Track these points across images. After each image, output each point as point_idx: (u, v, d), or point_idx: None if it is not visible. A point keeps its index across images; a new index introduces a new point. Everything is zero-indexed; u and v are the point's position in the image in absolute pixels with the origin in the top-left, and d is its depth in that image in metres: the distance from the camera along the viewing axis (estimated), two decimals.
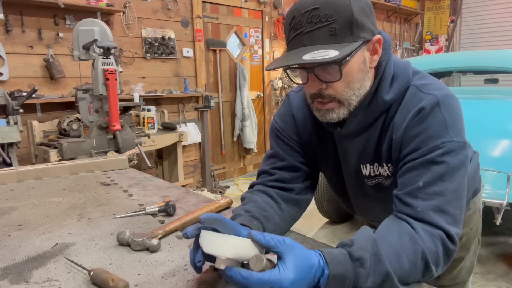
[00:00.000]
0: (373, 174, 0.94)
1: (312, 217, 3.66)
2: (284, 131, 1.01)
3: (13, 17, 3.20)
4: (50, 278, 0.76)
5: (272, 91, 5.54)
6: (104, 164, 1.66)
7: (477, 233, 1.20)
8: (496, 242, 3.10)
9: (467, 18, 7.66)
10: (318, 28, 0.75)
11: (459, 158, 0.79)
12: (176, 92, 4.23)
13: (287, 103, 1.05)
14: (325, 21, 0.75)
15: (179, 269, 0.79)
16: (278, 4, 5.35)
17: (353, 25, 0.76)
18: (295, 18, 0.78)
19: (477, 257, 1.24)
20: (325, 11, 0.75)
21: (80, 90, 2.72)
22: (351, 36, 0.76)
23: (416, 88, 0.85)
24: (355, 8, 0.76)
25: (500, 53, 3.57)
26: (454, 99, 0.83)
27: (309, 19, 0.76)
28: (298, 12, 0.77)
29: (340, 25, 0.75)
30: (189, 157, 4.59)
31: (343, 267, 0.66)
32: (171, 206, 1.10)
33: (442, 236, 0.75)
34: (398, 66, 0.87)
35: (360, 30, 0.77)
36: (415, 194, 0.78)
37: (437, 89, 0.83)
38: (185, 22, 4.37)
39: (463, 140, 0.80)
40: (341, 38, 0.76)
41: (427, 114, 0.80)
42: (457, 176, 0.78)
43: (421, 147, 0.80)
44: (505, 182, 2.26)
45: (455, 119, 0.81)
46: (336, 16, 0.75)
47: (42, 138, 3.19)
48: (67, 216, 1.10)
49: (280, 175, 0.99)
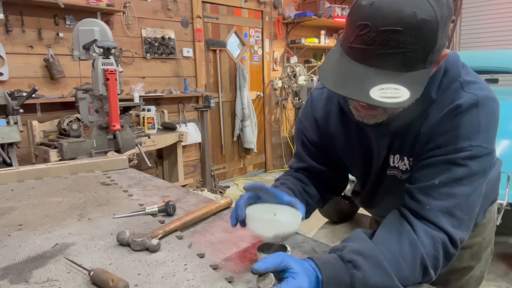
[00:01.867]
0: (391, 165, 0.90)
1: (312, 217, 3.64)
2: (307, 131, 1.02)
3: (13, 17, 3.20)
4: (50, 278, 0.76)
5: (272, 91, 5.54)
6: (104, 164, 1.66)
7: (490, 243, 1.16)
8: (496, 242, 3.08)
9: (467, 18, 7.66)
10: (392, 54, 0.65)
11: (482, 165, 0.75)
12: (176, 92, 4.23)
13: (309, 102, 1.03)
14: (403, 48, 0.64)
15: (179, 269, 0.79)
16: (278, 4, 5.35)
17: (433, 52, 0.67)
18: (368, 30, 0.65)
19: None
20: (407, 36, 0.63)
21: (80, 90, 2.72)
22: (423, 63, 0.67)
23: (459, 84, 0.79)
24: (440, 31, 0.65)
25: (500, 53, 3.58)
26: (495, 103, 0.78)
27: (385, 41, 0.64)
28: (374, 25, 0.64)
29: (419, 54, 0.66)
30: (189, 157, 4.59)
31: (335, 269, 0.66)
32: (171, 206, 1.10)
33: (444, 240, 0.73)
34: (448, 61, 0.80)
35: (436, 55, 0.69)
36: (427, 191, 0.76)
37: (480, 89, 0.78)
38: (185, 22, 4.37)
39: (492, 147, 0.76)
40: (413, 67, 0.67)
41: (463, 112, 0.75)
42: (474, 182, 0.75)
43: (447, 145, 0.76)
44: (505, 182, 2.26)
45: (491, 124, 0.76)
46: (418, 44, 0.64)
47: (42, 138, 3.19)
48: (67, 216, 1.10)
49: (301, 174, 1.04)
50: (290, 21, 5.40)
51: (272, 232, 0.76)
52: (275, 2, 5.32)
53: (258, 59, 5.34)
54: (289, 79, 5.35)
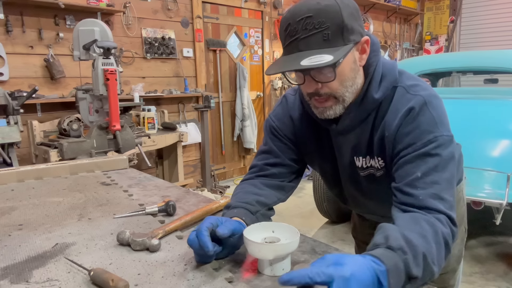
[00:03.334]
0: (365, 166, 1.00)
1: (312, 217, 3.66)
2: (280, 130, 1.08)
3: (13, 17, 3.20)
4: (50, 278, 0.76)
5: (272, 91, 5.54)
6: (104, 164, 1.66)
7: (463, 221, 1.27)
8: (496, 242, 3.10)
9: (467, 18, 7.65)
10: (312, 35, 0.82)
11: (450, 151, 0.86)
12: (176, 92, 4.24)
13: (285, 104, 1.11)
14: (318, 28, 0.81)
15: (179, 269, 0.79)
16: (278, 4, 5.35)
17: (343, 30, 0.82)
18: (290, 25, 0.84)
19: (476, 256, 1.25)
20: (318, 18, 0.81)
21: (80, 90, 2.72)
22: (342, 40, 0.83)
23: (404, 89, 0.92)
24: (345, 14, 0.82)
25: (500, 53, 3.57)
26: (438, 99, 0.91)
27: (303, 26, 0.82)
28: (293, 20, 0.83)
29: (332, 31, 0.81)
30: (189, 157, 4.59)
31: (392, 260, 0.66)
32: (171, 206, 1.10)
33: (447, 220, 0.80)
34: (386, 67, 0.95)
35: (350, 33, 0.84)
36: (414, 184, 0.83)
37: (423, 90, 0.91)
38: (185, 22, 4.37)
39: (450, 134, 0.88)
40: (334, 43, 0.82)
41: (417, 112, 0.87)
42: (449, 167, 0.85)
43: (415, 142, 0.86)
44: (504, 182, 2.26)
45: (442, 116, 0.88)
46: (328, 23, 0.81)
47: (43, 138, 3.19)
48: (67, 216, 1.10)
49: (270, 171, 1.07)
50: None
51: (273, 255, 0.76)
52: (275, 2, 5.32)
53: (258, 59, 5.34)
54: (287, 81, 5.34)
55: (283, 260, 0.78)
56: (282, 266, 0.78)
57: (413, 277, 0.68)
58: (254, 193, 0.99)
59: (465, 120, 2.68)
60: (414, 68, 3.45)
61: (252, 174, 1.09)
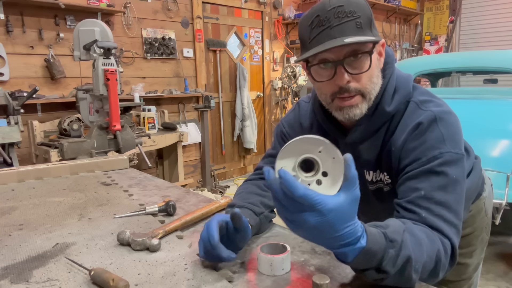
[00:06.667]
0: (375, 180, 0.98)
1: None
2: (290, 136, 1.08)
3: (13, 17, 3.21)
4: (51, 278, 0.76)
5: (272, 91, 5.55)
6: (105, 164, 1.66)
7: (482, 231, 1.21)
8: (495, 242, 3.10)
9: (467, 19, 7.65)
10: (345, 22, 0.81)
11: (458, 170, 0.81)
12: (176, 92, 4.24)
13: (297, 110, 1.11)
14: (351, 16, 0.81)
15: (179, 268, 0.79)
16: (278, 4, 5.35)
17: (371, 23, 0.84)
18: (319, 16, 0.83)
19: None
20: (349, 8, 0.81)
21: (80, 90, 2.72)
22: (371, 32, 0.84)
23: (415, 105, 0.90)
24: (370, 10, 0.84)
25: (500, 53, 3.58)
26: (451, 115, 0.87)
27: (335, 15, 0.81)
28: (322, 11, 0.82)
29: (364, 21, 0.82)
30: (189, 157, 4.60)
31: (378, 246, 0.65)
32: (171, 206, 1.10)
33: (450, 249, 0.76)
34: (400, 80, 0.93)
35: (375, 29, 0.86)
36: (417, 202, 0.80)
37: (435, 106, 0.88)
38: (185, 22, 4.37)
39: (461, 152, 0.83)
40: (365, 32, 0.82)
41: (425, 128, 0.85)
42: (458, 188, 0.81)
43: (420, 158, 0.83)
44: (504, 182, 2.27)
45: (452, 133, 0.84)
46: (359, 13, 0.82)
47: (43, 138, 3.19)
48: (68, 216, 1.11)
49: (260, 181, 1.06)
50: (290, 21, 5.40)
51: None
52: (275, 2, 5.32)
53: (258, 60, 5.35)
54: (289, 79, 5.35)
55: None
56: (282, 266, 0.78)
57: (382, 271, 0.66)
58: (257, 194, 0.99)
59: (464, 120, 2.66)
60: (413, 68, 3.45)
61: (256, 175, 1.09)
